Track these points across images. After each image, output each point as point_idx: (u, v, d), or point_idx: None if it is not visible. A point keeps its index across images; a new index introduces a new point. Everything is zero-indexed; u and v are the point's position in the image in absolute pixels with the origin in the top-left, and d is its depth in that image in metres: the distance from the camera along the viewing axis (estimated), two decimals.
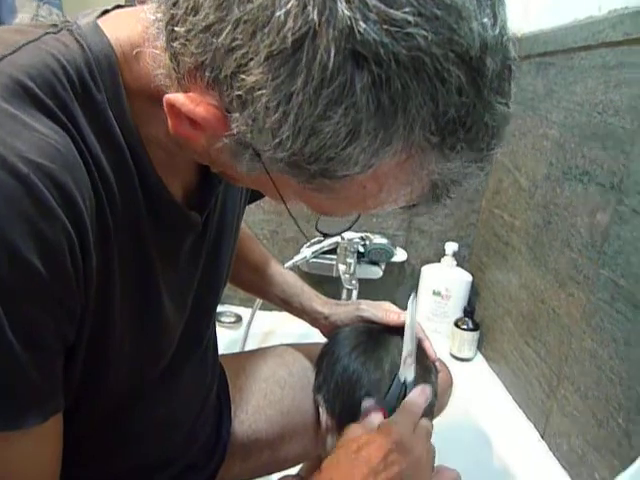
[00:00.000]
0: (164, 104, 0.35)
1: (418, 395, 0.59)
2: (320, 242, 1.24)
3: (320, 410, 0.65)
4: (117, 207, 0.40)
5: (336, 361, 0.65)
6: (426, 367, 0.67)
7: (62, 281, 0.35)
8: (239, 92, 0.31)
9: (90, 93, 0.38)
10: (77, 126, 0.37)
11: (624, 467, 0.62)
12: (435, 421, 0.63)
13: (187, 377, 0.62)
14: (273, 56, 0.29)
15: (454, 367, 0.75)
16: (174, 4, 0.33)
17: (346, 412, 0.61)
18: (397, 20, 0.27)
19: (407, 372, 0.61)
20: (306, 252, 1.20)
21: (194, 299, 0.56)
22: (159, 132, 0.41)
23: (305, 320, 0.82)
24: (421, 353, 0.68)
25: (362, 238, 1.18)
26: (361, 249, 1.20)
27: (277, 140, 0.31)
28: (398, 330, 0.70)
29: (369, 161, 0.32)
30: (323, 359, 0.69)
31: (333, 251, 1.22)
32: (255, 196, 0.69)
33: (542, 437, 0.94)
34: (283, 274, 0.83)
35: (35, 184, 0.32)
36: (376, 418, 0.56)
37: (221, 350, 0.73)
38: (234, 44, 0.30)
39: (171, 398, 0.60)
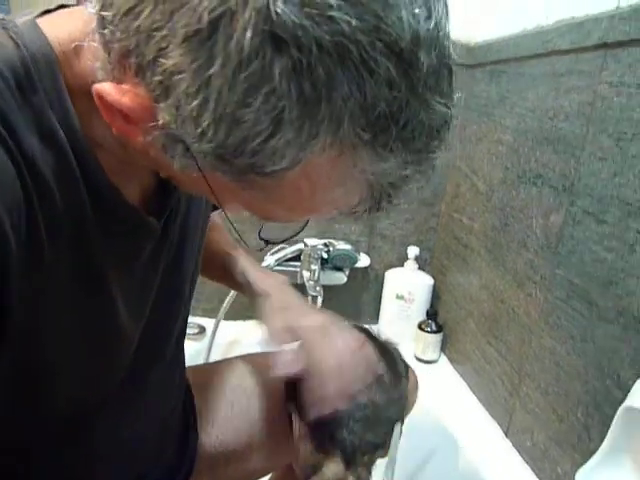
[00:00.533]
0: (94, 95, 0.33)
1: None
2: (283, 250, 1.23)
3: (293, 418, 0.64)
4: (58, 213, 0.38)
5: None
6: (396, 372, 0.67)
7: None
8: (160, 77, 0.30)
9: (27, 94, 0.36)
10: (11, 130, 0.35)
11: (584, 460, 0.64)
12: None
13: (151, 393, 0.60)
14: (190, 37, 0.28)
15: (419, 370, 0.76)
16: None
17: (320, 420, 0.61)
18: (318, 3, 0.26)
19: None
20: (269, 260, 1.19)
21: (153, 304, 0.55)
22: (106, 134, 0.39)
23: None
24: (391, 358, 0.68)
25: (325, 244, 1.19)
26: (325, 255, 1.20)
27: (199, 130, 0.30)
28: (374, 338, 0.71)
29: (297, 155, 0.30)
30: None
31: (297, 258, 1.21)
32: None
33: (506, 435, 0.96)
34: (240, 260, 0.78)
35: None
36: None
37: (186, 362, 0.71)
38: (154, 26, 0.29)
39: (134, 415, 0.58)
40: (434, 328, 1.22)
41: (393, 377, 0.65)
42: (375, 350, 0.66)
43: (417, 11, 0.28)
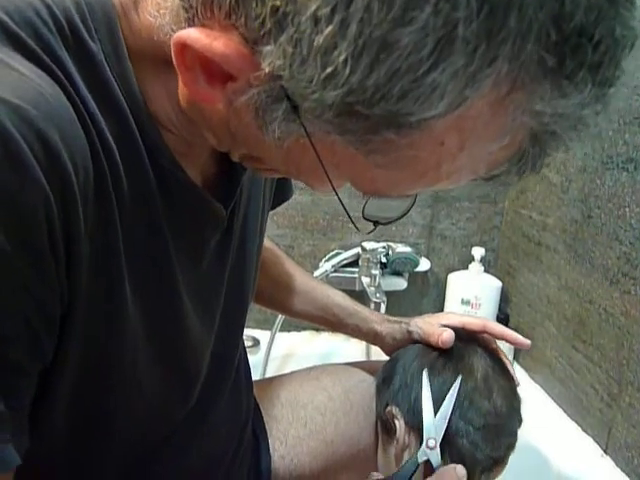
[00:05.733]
0: (172, 49, 0.27)
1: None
2: (339, 255, 1.17)
3: (397, 424, 0.56)
4: (122, 184, 0.32)
5: (421, 367, 0.58)
6: (511, 378, 0.60)
7: (35, 264, 0.27)
8: (276, 2, 0.22)
9: (82, 40, 0.30)
10: (68, 76, 0.29)
11: None
12: None
13: (221, 411, 0.54)
14: None
15: None
16: None
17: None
18: None
19: (430, 455, 0.52)
20: (326, 266, 1.12)
21: (222, 313, 0.49)
22: (168, 111, 0.34)
23: (363, 340, 0.76)
24: (503, 364, 0.61)
25: (384, 248, 1.11)
26: (384, 259, 1.13)
27: (329, 70, 0.23)
28: (475, 338, 0.64)
29: (461, 93, 0.23)
30: (396, 364, 0.61)
31: (354, 264, 1.15)
32: (278, 200, 0.62)
33: (605, 452, 0.85)
34: (331, 296, 0.75)
35: (8, 129, 0.24)
36: None
37: None
38: None
39: (204, 439, 0.51)
40: None
41: (510, 382, 0.58)
42: (485, 355, 0.59)
43: None
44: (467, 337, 0.65)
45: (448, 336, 0.62)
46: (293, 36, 0.23)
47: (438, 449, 0.52)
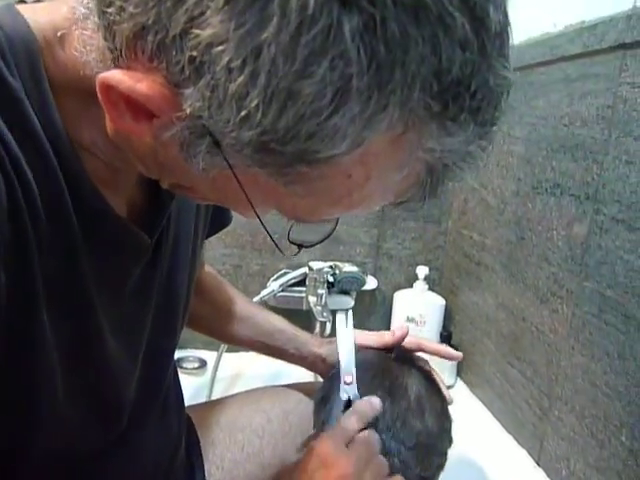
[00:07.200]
0: (97, 88, 0.28)
1: (358, 408, 0.54)
2: (287, 274, 1.17)
3: None
4: (41, 218, 0.32)
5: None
6: (443, 399, 0.62)
7: None
8: (193, 52, 0.24)
9: (1, 76, 0.30)
10: None
11: None
12: None
13: (148, 435, 0.53)
14: None
15: None
16: None
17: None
18: None
19: (349, 390, 0.57)
20: (273, 285, 1.13)
21: (149, 343, 0.48)
22: (94, 136, 0.34)
23: (301, 365, 0.75)
24: (435, 384, 0.63)
25: (331, 267, 1.13)
26: (330, 279, 1.14)
27: (243, 113, 0.25)
28: (410, 359, 0.66)
29: (360, 134, 0.26)
30: (334, 383, 0.62)
31: (301, 283, 1.16)
32: (216, 227, 0.63)
33: (538, 463, 0.89)
34: (271, 321, 0.76)
35: None
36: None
37: (186, 400, 0.64)
38: None
39: (129, 463, 0.51)
40: None
41: (442, 403, 0.60)
42: (419, 375, 0.61)
43: None
44: (403, 357, 0.66)
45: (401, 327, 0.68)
46: (210, 82, 0.25)
47: (355, 384, 0.57)
